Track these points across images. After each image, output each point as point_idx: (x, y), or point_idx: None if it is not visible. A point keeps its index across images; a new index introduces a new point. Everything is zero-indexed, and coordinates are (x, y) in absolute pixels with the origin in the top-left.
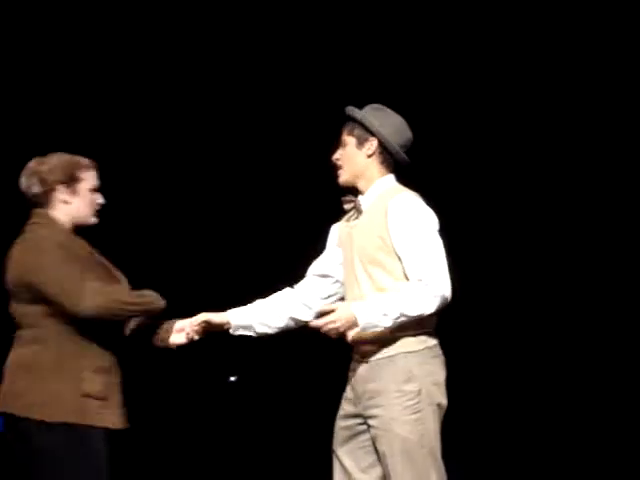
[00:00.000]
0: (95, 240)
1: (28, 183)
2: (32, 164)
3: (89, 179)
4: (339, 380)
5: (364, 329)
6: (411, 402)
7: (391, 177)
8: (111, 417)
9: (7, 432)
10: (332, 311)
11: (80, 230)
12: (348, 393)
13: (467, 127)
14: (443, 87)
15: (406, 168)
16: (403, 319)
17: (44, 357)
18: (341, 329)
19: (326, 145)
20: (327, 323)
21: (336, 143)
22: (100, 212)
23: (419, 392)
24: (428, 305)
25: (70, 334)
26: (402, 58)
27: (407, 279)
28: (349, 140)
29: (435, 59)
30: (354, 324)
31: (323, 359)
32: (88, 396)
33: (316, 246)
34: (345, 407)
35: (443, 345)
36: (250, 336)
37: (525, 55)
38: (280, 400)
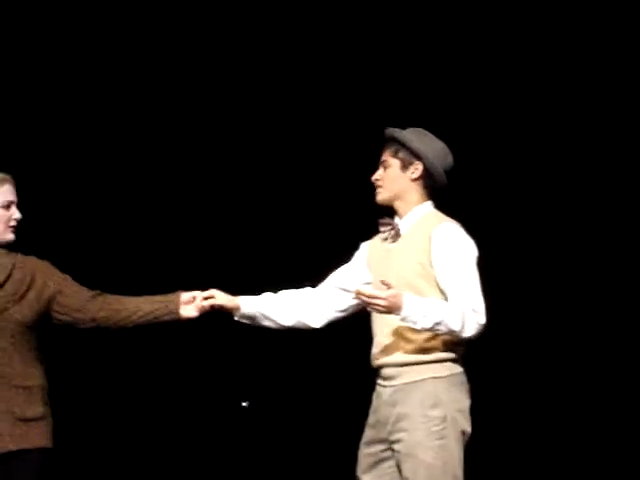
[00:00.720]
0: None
1: None
2: None
3: (1, 195)
4: (357, 406)
5: (403, 319)
6: (437, 428)
7: (429, 204)
8: None
9: None
10: (388, 287)
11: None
12: (371, 418)
13: (491, 150)
14: (471, 110)
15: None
16: (441, 328)
17: None
18: (382, 309)
19: (357, 157)
20: (374, 296)
21: (371, 161)
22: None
23: (445, 418)
24: (469, 328)
25: None
26: (429, 77)
27: None
28: (393, 162)
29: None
30: (397, 310)
31: (339, 385)
32: None
33: (336, 252)
34: (368, 433)
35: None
36: (250, 325)
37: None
38: (296, 427)
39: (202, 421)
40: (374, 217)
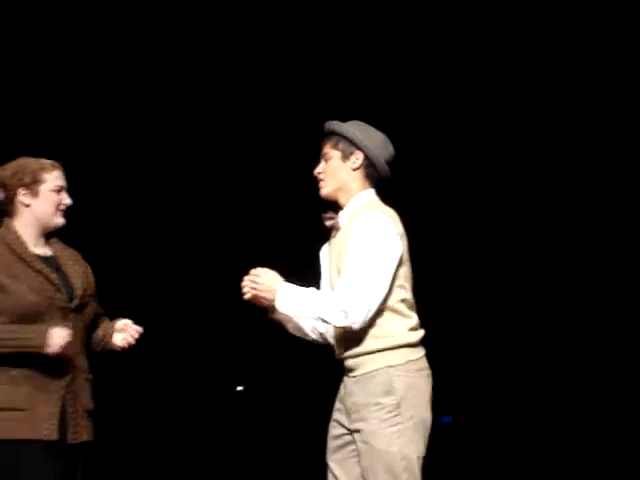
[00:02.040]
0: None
1: None
2: None
3: (52, 180)
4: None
5: (277, 308)
6: (389, 415)
7: (371, 191)
8: (35, 429)
9: None
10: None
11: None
12: (337, 404)
13: (448, 142)
14: (422, 103)
15: (388, 184)
16: (311, 318)
17: None
18: (257, 294)
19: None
20: (250, 280)
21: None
22: (71, 213)
23: (398, 405)
24: (333, 317)
25: None
26: (384, 74)
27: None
28: (333, 154)
29: (416, 76)
30: (271, 299)
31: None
32: (2, 409)
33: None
34: (335, 417)
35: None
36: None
37: (514, 68)
38: (287, 410)
39: (198, 405)
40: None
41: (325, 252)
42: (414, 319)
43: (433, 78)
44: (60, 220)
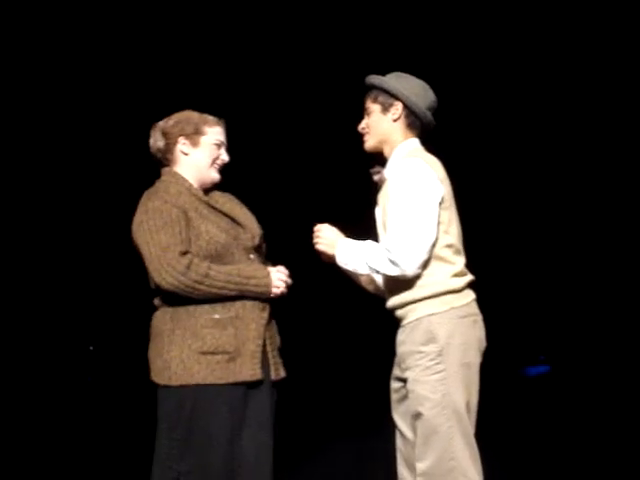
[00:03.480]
0: None
1: (154, 138)
2: (160, 122)
3: (213, 134)
4: None
5: (338, 263)
6: (431, 363)
7: (415, 141)
8: (241, 371)
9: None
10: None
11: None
12: (395, 358)
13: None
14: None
15: (432, 131)
16: (367, 270)
17: (161, 321)
18: (320, 247)
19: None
20: (317, 232)
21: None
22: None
23: (440, 352)
24: (384, 267)
25: None
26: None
27: None
28: (374, 107)
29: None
30: (332, 254)
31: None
32: (208, 353)
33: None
34: (394, 370)
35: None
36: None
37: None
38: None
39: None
40: None
41: (376, 208)
42: (458, 265)
43: (480, 26)
44: (216, 175)
